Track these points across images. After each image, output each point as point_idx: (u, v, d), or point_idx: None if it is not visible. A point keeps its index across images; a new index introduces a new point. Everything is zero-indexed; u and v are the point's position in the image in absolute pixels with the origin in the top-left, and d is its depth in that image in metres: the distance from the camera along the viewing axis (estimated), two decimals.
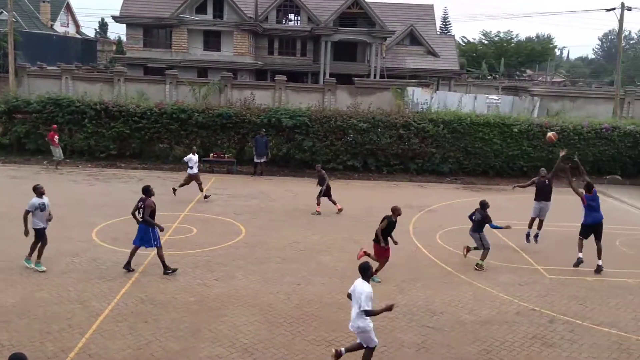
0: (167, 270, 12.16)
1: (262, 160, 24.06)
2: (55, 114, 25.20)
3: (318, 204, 18.26)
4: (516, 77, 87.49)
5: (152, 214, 12.14)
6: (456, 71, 52.32)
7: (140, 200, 12.22)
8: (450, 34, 71.65)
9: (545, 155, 25.44)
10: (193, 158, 19.32)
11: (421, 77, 44.69)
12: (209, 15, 46.91)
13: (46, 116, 25.26)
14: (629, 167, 26.07)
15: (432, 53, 51.29)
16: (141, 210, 12.10)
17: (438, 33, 61.78)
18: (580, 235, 13.88)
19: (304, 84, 44.54)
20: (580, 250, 13.77)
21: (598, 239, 13.55)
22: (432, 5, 57.54)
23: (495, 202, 21.15)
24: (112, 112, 25.21)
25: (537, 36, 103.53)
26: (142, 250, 12.95)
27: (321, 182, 18.41)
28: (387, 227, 12.42)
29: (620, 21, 35.61)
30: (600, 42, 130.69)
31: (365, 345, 8.43)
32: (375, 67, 47.67)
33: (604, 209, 20.39)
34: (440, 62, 51.08)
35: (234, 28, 46.56)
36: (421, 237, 15.95)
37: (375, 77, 46.62)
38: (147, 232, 12.08)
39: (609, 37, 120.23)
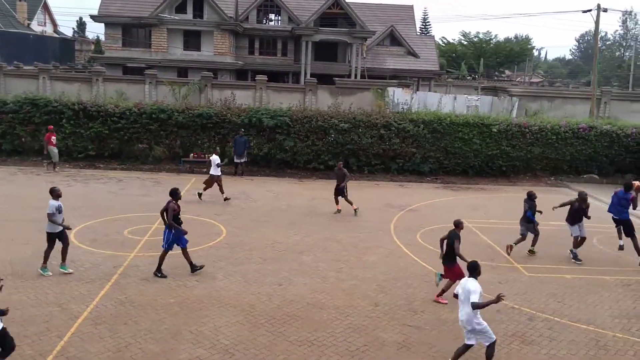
0: (158, 273, 12.11)
1: (242, 161, 23.98)
2: (32, 114, 24.82)
3: (350, 203, 18.35)
4: (495, 78, 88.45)
5: (176, 216, 12.16)
6: (436, 72, 52.68)
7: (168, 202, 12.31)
8: (430, 35, 72.09)
9: (524, 154, 25.76)
10: (215, 159, 19.35)
11: (401, 78, 44.92)
12: (189, 15, 46.61)
13: (23, 116, 24.86)
14: (605, 166, 26.47)
15: (412, 54, 51.58)
16: (166, 212, 12.20)
17: (418, 34, 62.17)
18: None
19: (285, 84, 44.49)
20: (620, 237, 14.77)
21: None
22: (412, 6, 57.86)
23: (474, 201, 21.40)
24: (90, 112, 24.92)
25: (516, 37, 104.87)
26: (121, 252, 12.84)
27: (341, 180, 18.34)
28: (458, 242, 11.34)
29: (597, 22, 36.18)
30: (577, 43, 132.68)
31: (486, 344, 8.61)
32: (355, 67, 47.80)
33: None
34: (420, 63, 51.38)
35: (214, 28, 46.32)
36: (402, 236, 16.02)
37: (356, 77, 46.73)
38: (165, 233, 12.15)
39: (586, 38, 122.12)
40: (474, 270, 8.70)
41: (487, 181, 25.28)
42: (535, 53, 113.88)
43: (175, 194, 12.33)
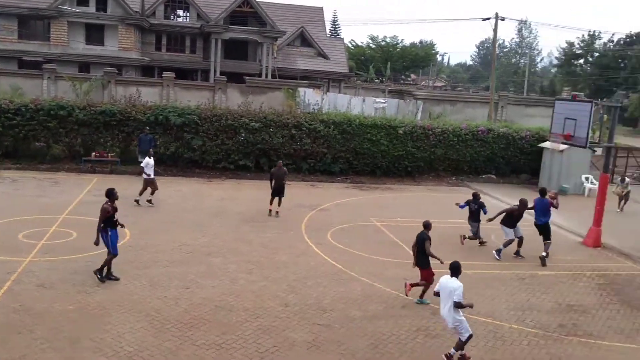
0: (101, 276, 11.65)
1: None
2: None
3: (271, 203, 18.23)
4: (401, 81, 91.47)
5: (110, 218, 11.58)
6: (346, 74, 53.56)
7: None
8: (340, 37, 73.17)
9: (427, 155, 26.76)
10: (150, 162, 18.53)
11: (312, 79, 45.28)
12: (92, 8, 44.42)
13: None
14: (502, 167, 28.04)
15: (323, 55, 52.14)
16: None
17: (328, 36, 62.94)
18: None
19: (194, 81, 43.48)
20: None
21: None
22: (322, 8, 58.49)
23: (381, 201, 21.97)
24: None
25: (421, 42, 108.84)
26: (15, 257, 12.01)
27: (281, 179, 18.22)
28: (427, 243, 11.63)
29: (495, 30, 38.37)
30: (477, 50, 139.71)
31: (462, 338, 9.15)
32: (266, 66, 47.64)
33: None
34: (330, 64, 52.03)
35: (118, 22, 44.47)
36: (313, 236, 16.13)
37: (266, 76, 46.57)
38: (103, 237, 11.60)
39: (485, 45, 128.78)
40: (456, 270, 9.37)
41: (394, 181, 26.03)
42: (439, 58, 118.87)
43: (111, 194, 11.75)
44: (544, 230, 15.45)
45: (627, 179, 23.56)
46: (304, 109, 30.27)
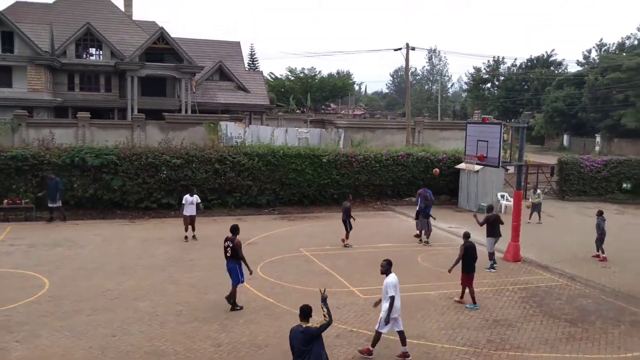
0: (236, 307, 12.73)
1: (57, 205, 22.04)
2: None
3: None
4: (322, 111, 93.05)
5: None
6: (267, 106, 53.89)
7: (228, 239, 12.74)
8: (259, 70, 73.80)
9: (352, 182, 27.23)
10: (189, 199, 19.30)
11: (233, 112, 45.24)
12: None
13: None
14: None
15: (242, 88, 52.29)
16: (230, 249, 12.62)
17: (247, 69, 63.31)
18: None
19: (111, 120, 42.38)
20: None
21: None
22: (239, 42, 58.92)
23: (310, 230, 22.04)
24: None
25: (338, 73, 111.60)
26: None
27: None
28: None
29: (407, 59, 39.97)
30: (392, 78, 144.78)
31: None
32: (185, 102, 47.15)
33: (403, 227, 22.39)
34: (250, 97, 52.23)
35: (27, 63, 42.75)
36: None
37: (186, 112, 46.05)
38: (235, 269, 12.66)
39: (399, 73, 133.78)
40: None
41: (321, 209, 26.24)
42: (356, 87, 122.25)
43: (237, 229, 12.90)
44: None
45: (538, 190, 25.27)
46: (226, 142, 30.11)
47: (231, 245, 12.66)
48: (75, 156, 23.26)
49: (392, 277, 10.51)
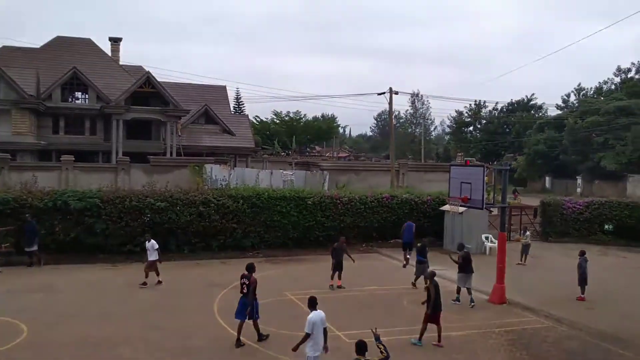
0: (262, 337, 13.41)
1: (34, 249, 21.70)
2: None
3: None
4: (307, 153, 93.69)
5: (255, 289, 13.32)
6: (252, 148, 54.16)
7: (244, 277, 13.38)
8: (244, 114, 74.44)
9: (337, 224, 27.20)
10: (147, 245, 19.00)
11: (218, 155, 45.35)
12: None
13: None
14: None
15: (228, 131, 52.59)
16: (245, 286, 13.26)
17: (232, 112, 63.83)
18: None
19: (95, 163, 42.21)
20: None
21: None
22: (225, 86, 59.68)
23: (295, 273, 21.87)
24: None
25: (323, 116, 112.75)
26: None
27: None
28: None
29: (390, 103, 40.65)
30: (376, 121, 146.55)
31: None
32: (171, 145, 47.24)
33: (388, 269, 22.34)
34: (236, 140, 52.50)
35: (11, 106, 42.79)
36: (227, 316, 15.63)
37: (171, 155, 46.10)
38: (248, 306, 13.16)
39: (382, 116, 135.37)
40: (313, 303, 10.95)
41: (307, 252, 26.09)
42: (341, 130, 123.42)
43: (253, 267, 13.60)
44: None
45: (528, 232, 25.64)
46: (211, 185, 30.10)
47: (247, 283, 13.34)
48: (58, 199, 23.05)
49: (312, 314, 10.80)
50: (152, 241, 19.28)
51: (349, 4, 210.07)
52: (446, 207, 27.04)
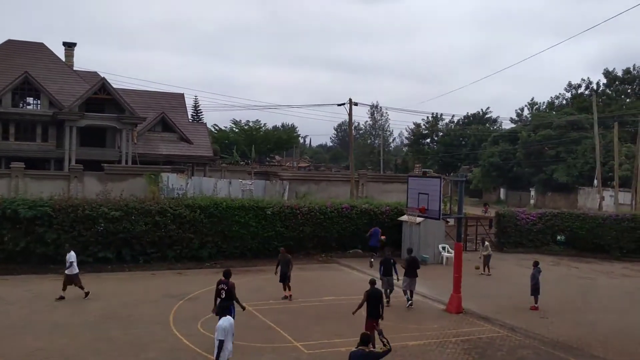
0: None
1: None
2: None
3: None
4: (266, 163, 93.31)
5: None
6: (210, 157, 53.55)
7: (222, 282, 13.54)
8: (202, 122, 73.59)
9: (296, 234, 27.10)
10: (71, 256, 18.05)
11: (176, 163, 44.70)
12: None
13: None
14: (367, 241, 29.07)
15: (185, 140, 51.89)
16: (224, 291, 13.37)
17: (190, 121, 63.07)
18: None
19: (46, 171, 40.94)
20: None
21: None
22: (183, 94, 58.87)
23: (253, 284, 21.63)
24: None
25: (283, 125, 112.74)
26: None
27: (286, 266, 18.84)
28: None
29: (350, 114, 40.94)
30: (336, 132, 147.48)
31: None
32: (126, 153, 46.25)
33: (347, 280, 22.39)
34: (193, 149, 51.83)
35: None
36: (182, 327, 15.32)
37: (127, 163, 45.12)
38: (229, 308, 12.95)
39: (342, 127, 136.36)
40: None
41: (265, 262, 25.78)
42: (301, 140, 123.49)
43: (230, 273, 13.91)
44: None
45: (486, 243, 25.92)
46: (167, 194, 29.62)
47: (225, 288, 13.50)
48: (7, 208, 22.22)
49: (221, 321, 10.86)
50: (71, 253, 18.38)
51: (309, 15, 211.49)
52: (404, 218, 27.29)
